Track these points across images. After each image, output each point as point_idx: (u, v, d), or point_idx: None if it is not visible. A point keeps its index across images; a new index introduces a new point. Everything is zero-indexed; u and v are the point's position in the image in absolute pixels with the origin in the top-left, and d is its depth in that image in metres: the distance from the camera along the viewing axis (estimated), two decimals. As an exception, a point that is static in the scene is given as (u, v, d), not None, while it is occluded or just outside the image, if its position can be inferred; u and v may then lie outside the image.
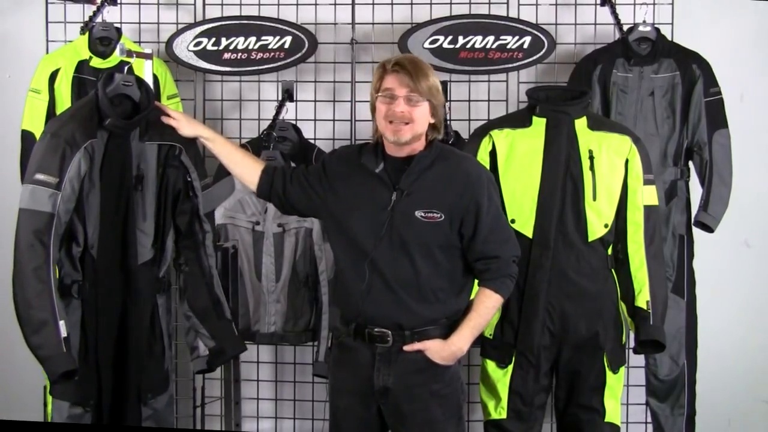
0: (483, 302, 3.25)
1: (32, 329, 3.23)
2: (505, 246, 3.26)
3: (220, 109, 4.74)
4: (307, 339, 4.28)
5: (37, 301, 3.21)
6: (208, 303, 3.64)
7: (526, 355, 3.66)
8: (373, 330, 3.22)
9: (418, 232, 3.17)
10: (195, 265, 3.63)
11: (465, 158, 3.33)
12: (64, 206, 3.29)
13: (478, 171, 3.27)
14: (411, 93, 3.15)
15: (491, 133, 3.73)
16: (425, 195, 3.17)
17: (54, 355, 3.22)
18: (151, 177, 3.50)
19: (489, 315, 3.28)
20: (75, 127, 3.33)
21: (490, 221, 3.21)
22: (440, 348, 3.21)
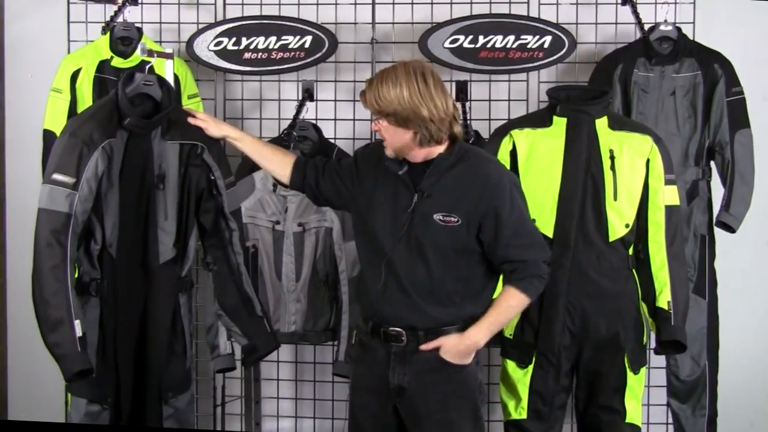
0: (506, 300, 3.22)
1: (49, 327, 3.26)
2: (530, 250, 3.21)
3: (241, 109, 4.76)
4: (327, 338, 4.28)
5: (54, 300, 3.24)
6: (237, 301, 3.66)
7: (546, 355, 3.66)
8: (388, 329, 3.23)
9: (435, 235, 3.16)
10: (223, 264, 3.65)
11: (487, 161, 3.28)
12: (81, 206, 3.31)
13: (499, 175, 3.22)
14: (374, 113, 3.17)
15: (512, 132, 3.74)
16: (444, 198, 3.17)
17: (69, 353, 3.25)
18: (173, 176, 3.51)
19: (510, 314, 3.27)
20: (93, 127, 3.35)
21: (513, 225, 3.17)
22: (456, 342, 3.19)
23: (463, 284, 3.21)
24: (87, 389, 3.44)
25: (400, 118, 3.10)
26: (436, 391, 3.23)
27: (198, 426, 4.32)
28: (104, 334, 3.46)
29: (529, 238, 3.23)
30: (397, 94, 3.08)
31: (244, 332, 3.68)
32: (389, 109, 3.10)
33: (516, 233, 3.18)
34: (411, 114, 3.08)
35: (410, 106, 3.08)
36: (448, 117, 3.14)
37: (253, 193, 4.19)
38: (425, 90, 3.09)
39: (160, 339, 3.53)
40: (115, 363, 3.47)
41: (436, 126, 3.11)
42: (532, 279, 3.21)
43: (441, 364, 3.21)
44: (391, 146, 3.18)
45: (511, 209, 3.17)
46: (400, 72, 3.11)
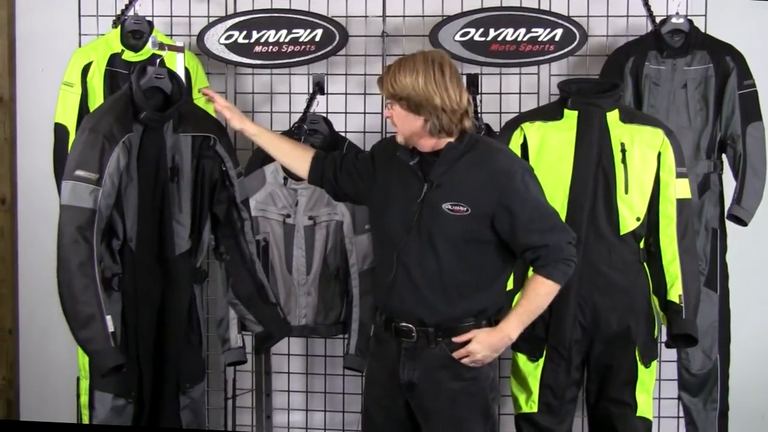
0: (534, 289, 3.20)
1: (80, 324, 3.26)
2: (550, 234, 3.18)
3: (251, 102, 4.77)
4: (338, 331, 4.30)
5: (84, 296, 3.24)
6: (252, 289, 3.69)
7: (557, 348, 3.68)
8: (399, 324, 3.24)
9: (445, 225, 3.17)
10: (236, 253, 3.67)
11: (496, 150, 3.28)
12: (104, 201, 3.32)
13: (509, 163, 3.22)
14: (386, 98, 3.22)
15: (523, 125, 3.76)
16: (453, 187, 3.18)
17: (103, 349, 3.26)
18: (186, 168, 3.53)
19: (541, 302, 3.22)
20: (112, 122, 3.36)
21: (529, 212, 3.16)
22: (486, 336, 3.18)
23: (474, 276, 3.21)
24: (113, 384, 3.46)
25: (413, 103, 3.13)
26: (446, 388, 3.24)
27: (209, 418, 4.34)
28: (126, 328, 3.47)
29: (547, 222, 3.21)
30: (412, 80, 3.12)
31: (258, 319, 3.71)
32: (403, 93, 3.13)
33: (533, 218, 3.17)
34: (423, 101, 3.12)
35: (424, 93, 3.11)
36: (461, 109, 3.16)
37: (264, 187, 4.20)
38: (440, 79, 3.13)
39: (178, 330, 3.56)
40: (136, 356, 3.49)
41: (447, 116, 3.13)
42: (557, 263, 3.18)
43: (451, 361, 3.21)
44: (402, 133, 3.22)
45: (525, 195, 3.16)
46: (419, 60, 3.16)
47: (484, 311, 3.23)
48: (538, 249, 3.17)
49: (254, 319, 3.71)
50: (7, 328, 5.03)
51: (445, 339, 3.21)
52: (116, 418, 3.48)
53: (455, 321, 3.21)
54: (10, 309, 5.02)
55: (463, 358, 3.20)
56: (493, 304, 3.26)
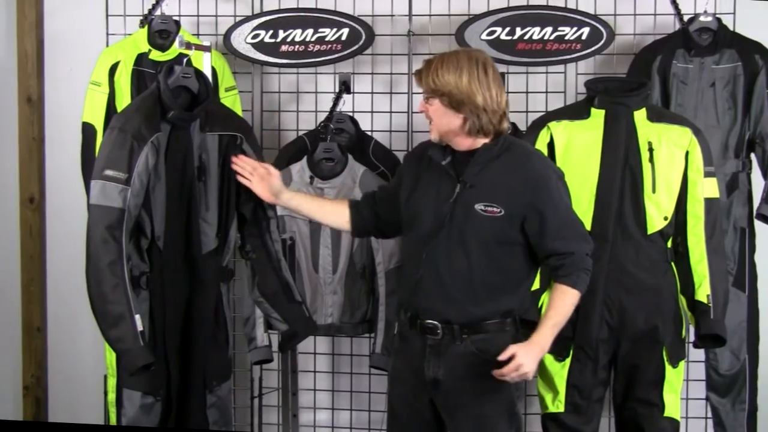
0: (561, 299, 3.21)
1: (109, 323, 3.28)
2: (576, 242, 3.21)
3: (278, 102, 4.78)
4: (364, 330, 4.30)
5: (113, 296, 3.26)
6: (277, 287, 3.69)
7: (584, 348, 3.67)
8: (424, 321, 3.25)
9: (477, 225, 3.18)
10: (262, 251, 3.67)
11: (531, 153, 3.30)
12: (133, 201, 3.33)
13: (544, 167, 3.24)
14: (424, 92, 3.22)
15: (549, 125, 3.75)
16: (487, 188, 3.18)
17: (132, 348, 3.28)
18: (213, 167, 3.54)
19: (568, 312, 3.22)
20: (141, 121, 3.37)
21: (560, 218, 3.18)
22: (527, 350, 3.15)
23: (503, 277, 3.22)
24: (142, 382, 3.47)
25: (454, 100, 3.14)
26: (471, 385, 3.24)
27: (235, 417, 4.36)
28: (154, 327, 3.49)
29: (575, 230, 3.24)
30: (456, 77, 3.13)
31: (284, 318, 3.71)
32: (445, 89, 3.14)
33: (562, 225, 3.19)
34: (466, 98, 3.13)
35: (467, 90, 3.13)
36: (500, 110, 3.18)
37: (290, 186, 4.20)
38: (484, 79, 3.14)
39: (204, 329, 3.56)
40: (164, 354, 3.50)
41: (487, 116, 3.15)
42: (580, 272, 3.21)
43: (476, 358, 3.22)
44: (437, 129, 3.22)
45: (558, 201, 3.19)
46: (463, 57, 3.17)
47: (510, 312, 3.24)
48: (564, 256, 3.19)
49: (279, 318, 3.71)
50: (36, 326, 5.07)
51: (470, 336, 3.22)
52: (144, 416, 3.50)
53: (481, 320, 3.21)
54: (38, 307, 5.06)
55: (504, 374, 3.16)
56: (519, 305, 3.28)
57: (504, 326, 3.23)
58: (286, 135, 4.74)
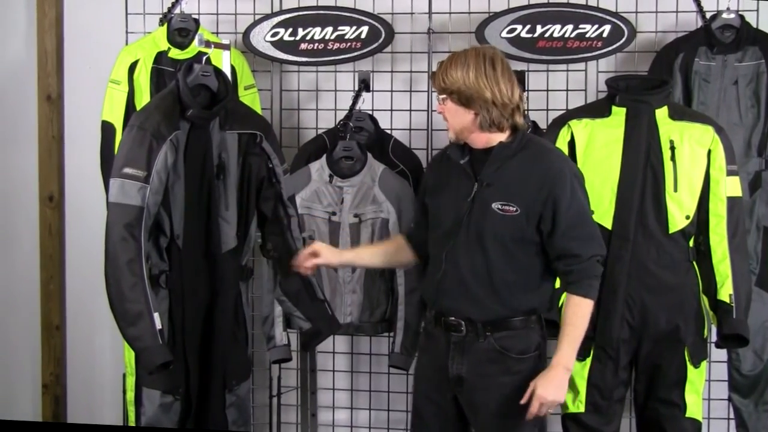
0: (575, 312, 3.20)
1: (128, 322, 3.29)
2: (586, 244, 3.20)
3: (297, 100, 4.79)
4: (384, 329, 4.30)
5: (132, 294, 3.28)
6: (299, 285, 3.70)
7: (604, 348, 3.66)
8: (448, 319, 3.26)
9: (494, 224, 3.18)
10: (283, 250, 3.67)
11: (549, 151, 3.30)
12: (152, 199, 3.35)
13: (560, 164, 3.23)
14: (438, 93, 3.25)
15: (570, 123, 3.75)
16: (504, 187, 3.19)
17: (151, 346, 3.29)
18: (233, 166, 3.55)
19: (584, 323, 3.22)
20: (160, 119, 3.39)
21: (572, 216, 3.17)
22: (546, 380, 3.15)
23: (523, 276, 3.22)
24: (161, 381, 3.48)
25: (464, 97, 3.17)
26: (495, 383, 3.24)
27: (254, 416, 4.37)
28: (173, 326, 3.50)
29: (587, 232, 3.22)
30: (463, 73, 3.16)
31: (307, 316, 3.72)
32: (454, 87, 3.17)
33: (574, 225, 3.18)
34: (474, 94, 3.15)
35: (474, 86, 3.15)
36: (512, 104, 3.18)
37: (309, 184, 4.22)
38: (491, 73, 3.16)
39: (225, 328, 3.57)
40: (183, 353, 3.51)
41: (498, 111, 3.16)
42: (590, 280, 3.20)
43: (500, 355, 3.22)
44: (452, 128, 3.25)
45: (571, 200, 3.17)
46: (470, 54, 3.20)
47: (533, 310, 3.25)
48: (572, 260, 3.18)
49: (302, 316, 3.72)
50: (55, 324, 5.09)
51: (494, 333, 3.22)
52: (164, 414, 3.52)
53: (503, 317, 3.22)
54: (57, 305, 5.08)
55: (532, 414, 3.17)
56: (542, 303, 3.28)
57: (528, 324, 3.24)
58: (305, 133, 4.75)
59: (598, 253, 3.23)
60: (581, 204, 3.22)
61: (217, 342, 3.57)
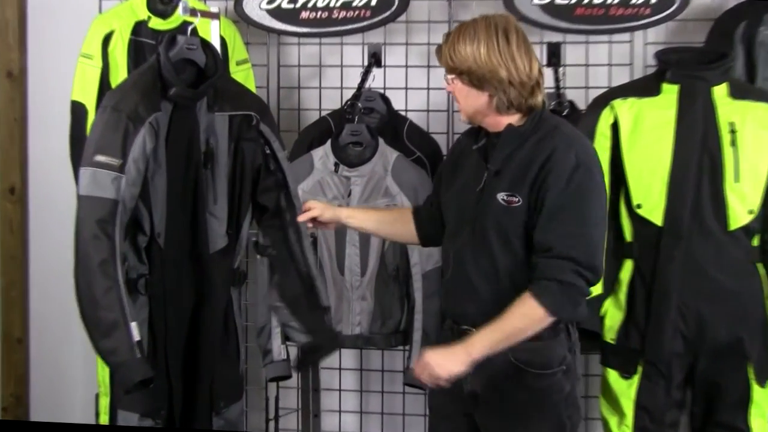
0: (515, 305, 3.10)
1: (101, 332, 3.29)
2: (566, 242, 3.07)
3: (297, 77, 4.79)
4: (398, 342, 4.30)
5: (105, 300, 3.27)
6: (299, 290, 3.68)
7: (654, 363, 3.66)
8: (461, 327, 3.26)
9: (498, 217, 3.16)
10: (282, 247, 3.66)
11: (561, 132, 3.19)
12: (128, 191, 3.34)
13: (568, 148, 3.13)
14: (447, 70, 3.22)
15: (613, 103, 3.76)
16: (510, 175, 3.16)
17: (127, 360, 3.29)
18: (223, 153, 3.55)
19: (518, 324, 3.09)
20: (138, 100, 3.38)
21: (558, 207, 3.08)
22: (442, 350, 3.16)
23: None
24: (139, 402, 3.47)
25: (475, 77, 3.14)
26: (512, 401, 3.22)
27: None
28: (154, 337, 3.50)
29: (571, 229, 3.09)
30: (473, 50, 3.12)
31: (306, 327, 3.69)
32: (463, 66, 3.14)
33: (558, 217, 3.08)
34: (487, 73, 3.12)
35: (487, 64, 3.12)
36: (531, 81, 3.15)
37: (312, 174, 4.22)
38: (506, 48, 3.12)
39: (212, 340, 3.58)
40: (166, 370, 3.51)
41: (516, 90, 3.13)
42: (551, 283, 3.06)
43: (516, 370, 3.18)
44: (464, 111, 3.24)
45: (565, 189, 3.08)
46: (480, 26, 3.16)
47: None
48: (542, 253, 3.09)
49: (300, 327, 3.70)
50: (16, 336, 5.09)
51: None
52: None
53: None
54: (19, 315, 5.08)
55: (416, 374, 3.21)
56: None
57: (549, 334, 3.17)
58: (306, 115, 4.76)
59: (580, 261, 3.07)
60: (577, 199, 3.10)
61: (204, 356, 3.57)
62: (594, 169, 3.16)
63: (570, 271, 3.06)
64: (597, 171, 3.17)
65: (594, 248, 3.12)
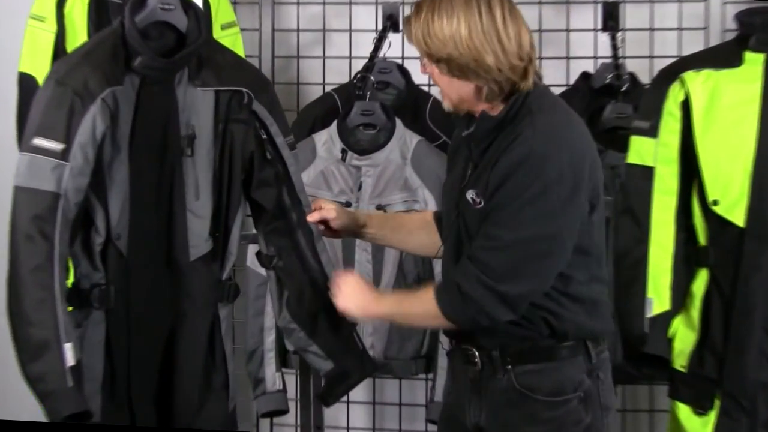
0: (422, 291, 3.20)
1: (30, 354, 3.25)
2: (484, 245, 3.07)
3: (296, 44, 4.81)
4: (419, 369, 4.32)
5: (37, 315, 3.24)
6: (318, 306, 3.65)
7: (735, 396, 3.65)
8: (462, 347, 3.27)
9: (468, 220, 3.17)
10: (291, 255, 3.64)
11: (532, 121, 3.10)
12: (74, 182, 3.30)
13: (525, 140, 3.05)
14: (421, 54, 3.17)
15: (684, 76, 3.75)
16: (483, 170, 3.14)
17: (56, 390, 3.25)
18: (207, 137, 3.51)
19: (416, 309, 3.23)
20: (89, 71, 3.35)
21: (494, 206, 3.06)
22: (351, 291, 3.31)
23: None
24: None
25: (456, 66, 3.08)
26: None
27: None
28: (113, 363, 3.48)
29: (497, 235, 3.06)
30: (452, 32, 3.05)
31: (327, 351, 3.67)
32: (441, 53, 3.08)
33: (489, 217, 3.07)
34: (471, 62, 3.06)
35: (469, 50, 3.04)
36: (523, 62, 3.09)
37: (314, 163, 4.23)
38: (490, 26, 3.05)
39: (192, 368, 3.54)
40: (129, 403, 3.50)
41: (504, 75, 3.08)
42: (452, 288, 3.10)
43: (521, 397, 3.18)
44: (448, 99, 3.20)
45: (502, 184, 3.04)
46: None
47: (565, 334, 3.16)
48: (467, 253, 3.12)
49: (320, 352, 3.69)
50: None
51: (515, 367, 3.17)
52: None
53: (521, 341, 3.18)
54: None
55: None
56: (582, 324, 3.18)
57: (561, 353, 3.17)
58: (307, 90, 4.80)
59: (492, 273, 3.04)
60: (514, 198, 3.04)
61: (182, 391, 3.54)
62: (553, 162, 3.05)
63: (475, 281, 3.05)
64: (557, 165, 3.05)
65: (518, 262, 3.06)
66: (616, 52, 4.27)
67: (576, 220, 3.06)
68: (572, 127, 3.17)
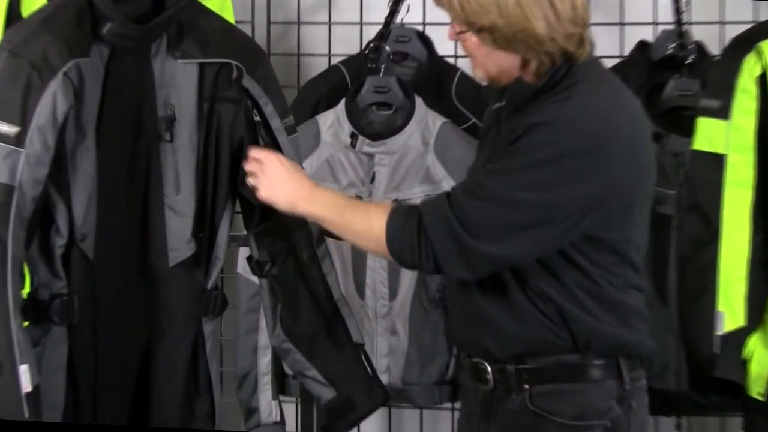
0: (374, 205, 3.37)
1: None
2: (469, 189, 3.10)
3: (297, 9, 4.82)
4: (443, 397, 4.33)
5: None
6: (318, 323, 3.68)
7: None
8: (472, 361, 3.28)
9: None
10: (288, 262, 3.66)
11: (572, 91, 3.12)
12: (30, 172, 3.30)
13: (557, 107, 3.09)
14: (457, 22, 3.15)
15: (761, 46, 3.77)
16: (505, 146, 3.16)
17: (9, 417, 3.26)
18: (189, 119, 3.51)
19: (357, 223, 3.24)
20: (49, 41, 3.34)
21: (498, 156, 3.11)
22: (277, 175, 3.32)
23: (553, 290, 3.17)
24: None
25: (501, 36, 3.07)
26: None
27: None
28: (76, 389, 3.48)
29: (488, 185, 3.08)
30: None
31: (328, 376, 3.69)
32: (483, 21, 3.07)
33: (489, 168, 3.12)
34: (519, 31, 3.05)
35: (517, 19, 3.04)
36: (578, 28, 3.09)
37: (318, 149, 4.24)
38: None
39: (171, 396, 3.55)
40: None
41: (558, 45, 3.08)
42: (412, 217, 3.12)
43: (538, 421, 3.18)
44: (484, 70, 3.22)
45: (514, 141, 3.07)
46: None
47: (588, 343, 3.17)
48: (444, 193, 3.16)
49: (321, 377, 3.69)
50: None
51: (533, 386, 3.18)
52: None
53: (540, 352, 3.18)
54: None
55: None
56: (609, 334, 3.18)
57: (590, 373, 3.17)
58: (310, 63, 4.82)
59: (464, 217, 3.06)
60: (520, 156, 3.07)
61: (158, 420, 3.55)
62: (580, 132, 3.08)
63: (442, 221, 3.09)
64: (584, 138, 3.07)
65: (496, 220, 3.08)
66: (680, 18, 4.24)
67: (585, 210, 3.05)
68: (620, 105, 3.18)
